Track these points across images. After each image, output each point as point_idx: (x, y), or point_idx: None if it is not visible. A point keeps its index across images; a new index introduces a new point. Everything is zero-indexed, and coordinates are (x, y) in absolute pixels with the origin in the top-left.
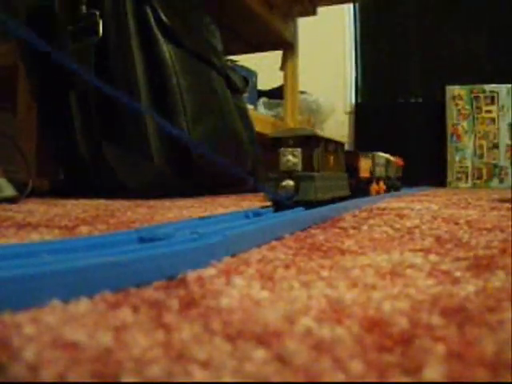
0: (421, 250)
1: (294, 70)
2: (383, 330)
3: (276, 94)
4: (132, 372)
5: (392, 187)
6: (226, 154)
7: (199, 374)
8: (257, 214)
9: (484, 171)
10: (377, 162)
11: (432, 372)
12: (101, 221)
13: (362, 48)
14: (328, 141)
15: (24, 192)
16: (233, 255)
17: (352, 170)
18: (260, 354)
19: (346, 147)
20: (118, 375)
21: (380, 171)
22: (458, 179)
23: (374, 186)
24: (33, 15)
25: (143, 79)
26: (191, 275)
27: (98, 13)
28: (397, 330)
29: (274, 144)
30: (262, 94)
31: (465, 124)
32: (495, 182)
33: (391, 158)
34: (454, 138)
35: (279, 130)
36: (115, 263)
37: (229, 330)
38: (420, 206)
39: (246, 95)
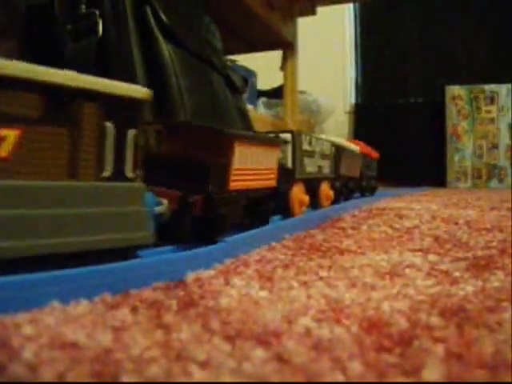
0: (420, 250)
1: (293, 70)
2: (382, 331)
3: (276, 93)
4: (131, 372)
5: (355, 190)
6: None
7: (198, 374)
8: None
9: (484, 171)
10: (305, 148)
11: (431, 372)
12: None
13: (362, 48)
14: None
15: None
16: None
17: (195, 178)
18: (259, 353)
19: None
20: (118, 375)
21: (319, 167)
22: (458, 179)
23: (296, 194)
24: (32, 14)
25: (143, 79)
26: (190, 276)
27: (97, 12)
28: (396, 331)
29: None
30: (261, 93)
31: (464, 124)
32: (495, 183)
33: (349, 147)
34: (454, 138)
35: None
36: (117, 269)
37: (228, 329)
38: (419, 206)
39: (245, 95)
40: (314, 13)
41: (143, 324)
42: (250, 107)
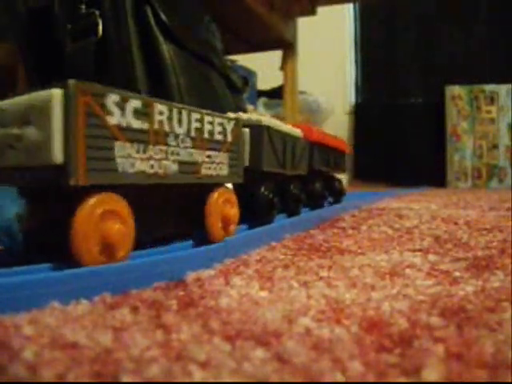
0: (420, 250)
1: (293, 70)
2: (382, 331)
3: (276, 94)
4: (131, 372)
5: (302, 198)
6: None
7: (198, 374)
8: None
9: (483, 171)
10: (123, 124)
11: (431, 372)
12: None
13: (361, 48)
14: None
15: None
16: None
17: None
18: (259, 353)
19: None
20: (118, 375)
21: (187, 163)
22: (458, 179)
23: (85, 224)
24: (33, 14)
25: (143, 79)
26: (190, 276)
27: (97, 12)
28: (396, 331)
29: None
30: (261, 93)
31: (464, 124)
32: (495, 183)
33: (280, 127)
34: (454, 138)
35: None
36: (117, 269)
37: (228, 330)
38: (419, 206)
39: (245, 95)
40: (314, 13)
41: (143, 324)
42: (250, 107)
